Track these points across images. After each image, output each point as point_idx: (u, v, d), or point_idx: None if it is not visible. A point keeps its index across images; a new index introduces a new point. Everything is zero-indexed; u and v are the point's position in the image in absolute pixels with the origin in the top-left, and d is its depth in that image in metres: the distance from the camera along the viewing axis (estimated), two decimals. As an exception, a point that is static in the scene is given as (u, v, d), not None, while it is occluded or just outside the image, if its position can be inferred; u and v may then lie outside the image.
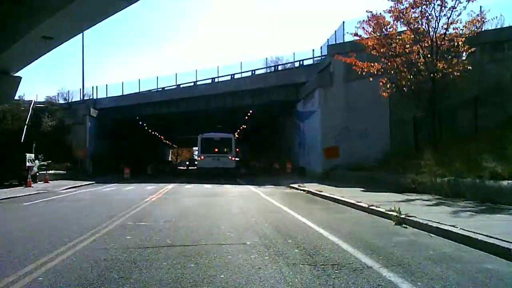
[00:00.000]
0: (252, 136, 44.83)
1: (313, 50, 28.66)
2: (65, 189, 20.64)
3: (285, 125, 33.19)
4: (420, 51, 16.07)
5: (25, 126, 34.21)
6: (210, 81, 34.05)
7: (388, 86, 16.25)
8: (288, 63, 30.05)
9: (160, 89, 35.85)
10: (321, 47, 27.95)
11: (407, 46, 16.23)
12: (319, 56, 28.35)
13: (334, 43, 24.20)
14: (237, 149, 36.81)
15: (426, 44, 15.83)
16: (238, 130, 46.75)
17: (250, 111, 34.10)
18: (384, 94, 16.60)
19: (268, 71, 31.22)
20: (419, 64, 16.02)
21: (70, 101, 41.48)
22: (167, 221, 8.72)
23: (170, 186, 21.52)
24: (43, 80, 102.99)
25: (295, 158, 29.59)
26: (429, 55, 15.77)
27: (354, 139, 22.09)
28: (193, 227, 7.96)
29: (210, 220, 8.97)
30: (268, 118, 35.38)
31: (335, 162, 22.28)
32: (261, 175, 30.99)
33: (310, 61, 28.93)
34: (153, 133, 48.05)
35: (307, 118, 26.45)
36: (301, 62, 29.81)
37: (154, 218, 9.33)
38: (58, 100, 42.61)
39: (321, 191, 14.48)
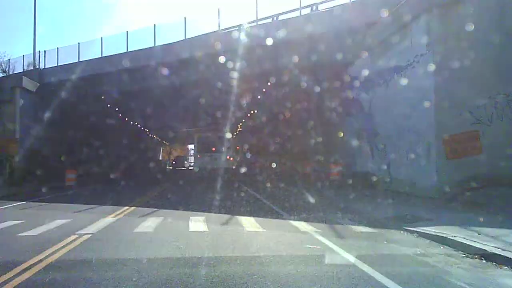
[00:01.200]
0: (266, 124, 32.62)
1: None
2: None
3: (322, 103, 20.79)
4: None
5: None
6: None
7: None
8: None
9: (133, 51, 23.46)
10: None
11: None
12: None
13: None
14: (237, 147, 34.55)
15: None
16: (243, 120, 34.47)
17: (269, 83, 21.87)
18: None
19: (303, 13, 18.95)
20: None
21: (12, 73, 29.67)
22: None
23: (105, 221, 9.29)
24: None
25: (349, 158, 17.45)
26: None
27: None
28: None
29: None
30: (293, 96, 23.27)
31: (472, 168, 10.19)
32: (277, 182, 19.68)
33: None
34: (131, 122, 35.55)
35: (384, 82, 14.26)
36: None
37: None
38: (-6, 72, 30.74)
39: None
